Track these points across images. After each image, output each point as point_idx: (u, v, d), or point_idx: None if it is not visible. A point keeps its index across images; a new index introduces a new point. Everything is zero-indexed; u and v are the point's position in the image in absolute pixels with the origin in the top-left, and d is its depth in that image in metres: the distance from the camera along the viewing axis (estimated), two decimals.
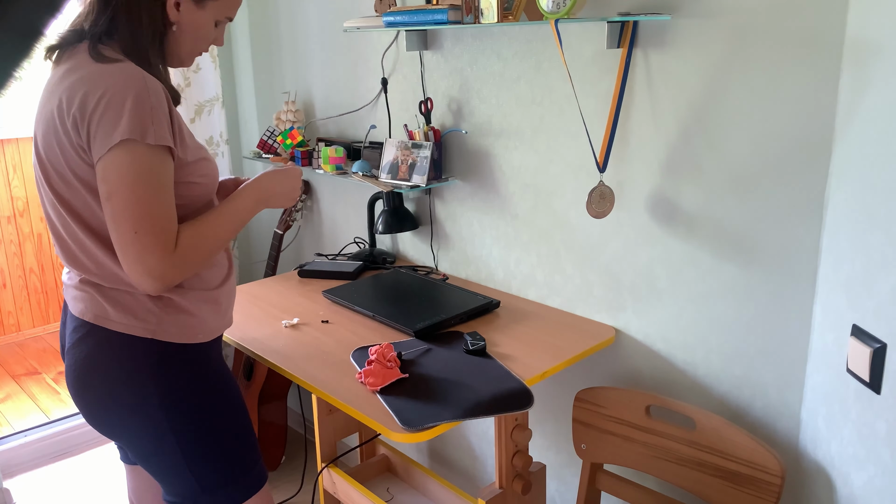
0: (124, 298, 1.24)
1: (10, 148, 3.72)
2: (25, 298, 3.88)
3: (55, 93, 1.19)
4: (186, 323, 1.28)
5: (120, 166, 1.12)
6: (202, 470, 1.31)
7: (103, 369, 1.25)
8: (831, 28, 1.19)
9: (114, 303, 1.24)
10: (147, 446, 1.29)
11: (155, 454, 1.29)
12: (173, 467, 1.30)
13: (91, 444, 2.86)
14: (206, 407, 1.31)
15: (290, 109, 2.36)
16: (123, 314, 1.24)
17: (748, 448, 1.32)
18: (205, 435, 1.30)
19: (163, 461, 1.30)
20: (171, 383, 1.26)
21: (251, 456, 1.38)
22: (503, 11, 1.48)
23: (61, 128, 1.16)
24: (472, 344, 1.50)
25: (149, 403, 1.25)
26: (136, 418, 1.26)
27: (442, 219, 2.04)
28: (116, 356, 1.24)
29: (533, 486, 1.62)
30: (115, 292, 1.24)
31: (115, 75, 1.14)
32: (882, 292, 1.06)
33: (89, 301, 1.25)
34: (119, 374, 1.25)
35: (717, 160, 1.40)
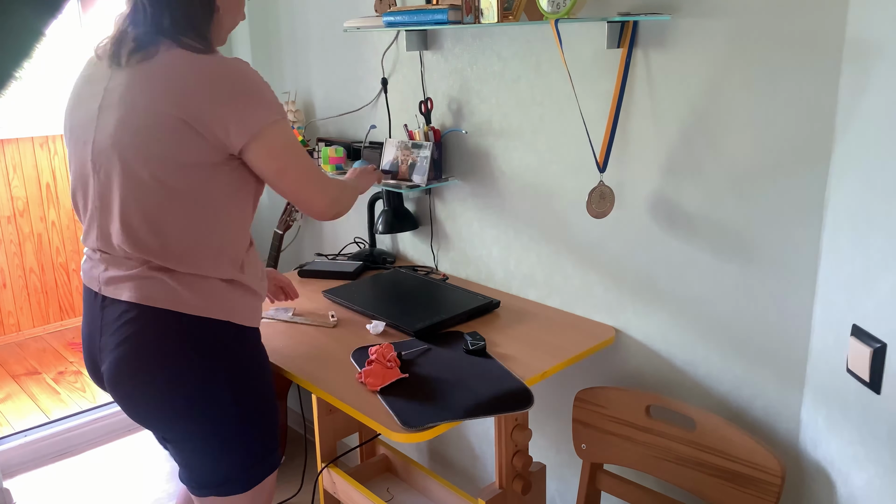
0: (198, 283, 1.30)
1: (10, 148, 3.72)
2: (25, 298, 3.88)
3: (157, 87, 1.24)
4: (252, 305, 1.38)
5: (281, 143, 1.30)
6: (250, 447, 1.38)
7: (174, 352, 1.28)
8: (831, 28, 1.19)
9: (189, 287, 1.29)
10: (207, 427, 1.32)
11: (212, 435, 1.33)
12: (226, 447, 1.35)
13: (91, 443, 2.86)
14: (260, 386, 1.39)
15: (290, 109, 2.36)
16: (199, 297, 1.30)
17: (748, 448, 1.32)
18: (258, 412, 1.37)
19: (218, 442, 1.34)
20: (238, 364, 1.34)
21: (277, 433, 1.45)
22: (503, 11, 1.48)
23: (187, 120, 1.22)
24: (472, 344, 1.50)
25: (219, 383, 1.31)
26: (207, 399, 1.30)
27: (442, 219, 2.04)
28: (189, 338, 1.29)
29: (533, 486, 1.62)
30: (190, 277, 1.29)
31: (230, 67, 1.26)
32: (882, 292, 1.06)
33: (158, 287, 1.28)
34: (192, 355, 1.29)
35: (717, 160, 1.40)
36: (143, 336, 1.28)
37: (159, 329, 1.28)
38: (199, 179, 1.26)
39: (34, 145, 3.79)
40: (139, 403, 1.32)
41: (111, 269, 1.32)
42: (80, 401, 3.22)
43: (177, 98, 1.22)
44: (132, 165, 1.25)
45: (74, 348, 3.79)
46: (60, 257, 3.95)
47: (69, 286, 4.01)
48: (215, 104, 1.22)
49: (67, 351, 3.76)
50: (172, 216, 1.27)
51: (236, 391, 1.33)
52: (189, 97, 1.22)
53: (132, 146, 1.24)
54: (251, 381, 1.36)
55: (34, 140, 3.79)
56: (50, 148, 3.84)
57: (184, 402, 1.30)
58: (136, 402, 1.32)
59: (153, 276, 1.28)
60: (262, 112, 1.27)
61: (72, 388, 3.36)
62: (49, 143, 3.83)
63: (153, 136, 1.23)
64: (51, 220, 3.89)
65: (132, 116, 1.24)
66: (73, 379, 3.45)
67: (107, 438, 2.88)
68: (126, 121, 1.24)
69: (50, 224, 3.89)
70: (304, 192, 1.35)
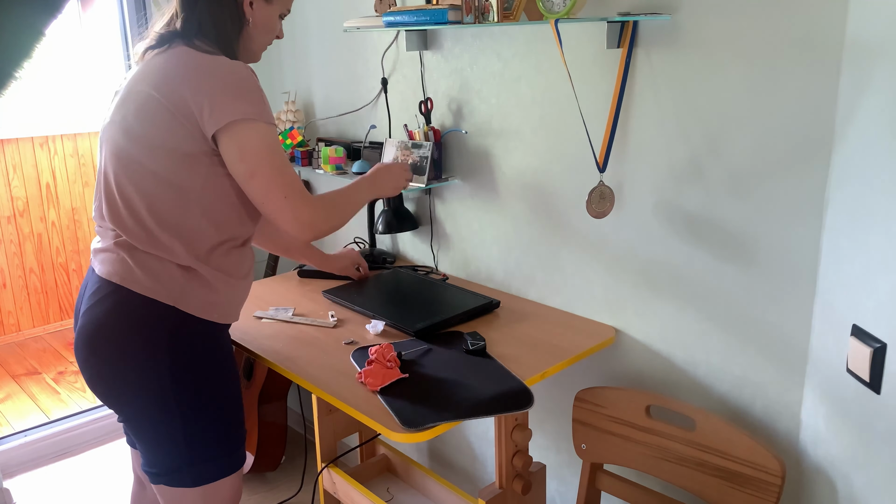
0: (153, 263, 1.32)
1: (10, 148, 3.72)
2: (25, 298, 3.88)
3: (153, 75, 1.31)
4: (207, 298, 1.36)
5: (255, 145, 1.28)
6: (195, 441, 1.37)
7: (120, 328, 1.31)
8: (831, 28, 1.19)
9: (143, 267, 1.32)
10: (147, 410, 1.34)
11: (153, 419, 1.34)
12: (168, 435, 1.35)
13: (91, 444, 2.86)
14: (211, 382, 1.38)
15: (290, 109, 2.36)
16: (150, 278, 1.31)
17: (748, 448, 1.32)
18: (205, 407, 1.37)
19: (159, 427, 1.35)
20: (183, 352, 1.33)
21: (238, 438, 1.45)
22: (503, 11, 1.48)
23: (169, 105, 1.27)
24: (472, 344, 1.50)
25: (159, 366, 1.31)
26: (144, 380, 1.32)
27: (442, 219, 2.04)
28: (135, 316, 1.31)
29: (533, 486, 1.62)
30: (147, 256, 1.32)
31: (222, 63, 1.29)
32: (882, 292, 1.06)
33: (118, 263, 1.33)
34: (135, 334, 1.31)
35: (717, 160, 1.40)
36: (98, 309, 1.32)
37: (114, 303, 1.31)
38: (177, 164, 1.29)
39: (34, 145, 3.79)
40: (90, 375, 1.36)
41: (100, 241, 1.40)
42: (80, 401, 3.22)
43: (162, 83, 1.28)
44: (120, 144, 1.32)
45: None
46: (60, 257, 3.95)
47: (69, 286, 4.01)
48: (196, 91, 1.25)
49: (67, 351, 3.76)
50: (147, 195, 1.31)
51: (178, 381, 1.32)
52: (174, 83, 1.27)
53: (122, 125, 1.32)
54: (199, 376, 1.35)
55: (34, 140, 3.79)
56: (50, 148, 3.84)
57: (123, 382, 1.32)
58: (89, 374, 1.36)
59: (116, 253, 1.33)
60: (242, 106, 1.26)
61: (72, 388, 3.36)
62: (49, 143, 3.83)
63: (139, 117, 1.30)
64: (51, 220, 3.89)
65: (128, 99, 1.33)
66: (73, 379, 3.45)
67: (107, 438, 2.88)
68: (123, 103, 1.34)
69: (50, 224, 3.89)
70: (271, 208, 1.30)
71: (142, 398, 1.33)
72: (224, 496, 1.44)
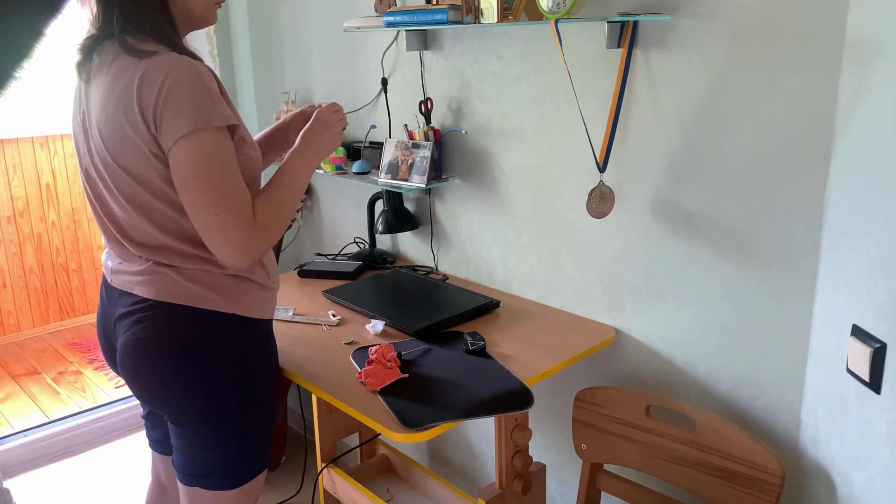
0: (203, 277, 1.29)
1: (10, 148, 3.72)
2: (25, 298, 3.88)
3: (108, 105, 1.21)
4: (263, 297, 1.37)
5: (188, 156, 1.17)
6: (247, 442, 1.37)
7: (179, 342, 1.29)
8: (831, 28, 1.19)
9: (194, 281, 1.29)
10: (209, 418, 1.32)
11: (213, 425, 1.33)
12: (223, 439, 1.34)
13: (91, 444, 2.86)
14: (266, 382, 1.40)
15: (290, 109, 2.36)
16: (206, 290, 1.29)
17: (748, 448, 1.32)
18: (261, 409, 1.38)
19: (217, 433, 1.34)
20: (243, 357, 1.34)
21: (270, 435, 1.45)
22: (503, 11, 1.48)
23: (132, 132, 1.19)
24: (472, 344, 1.50)
25: (223, 376, 1.31)
26: (208, 391, 1.31)
27: (442, 219, 2.04)
28: (194, 329, 1.29)
29: (533, 486, 1.62)
30: (194, 272, 1.29)
31: (164, 68, 1.17)
32: (882, 292, 1.06)
33: (166, 283, 1.28)
34: (196, 346, 1.29)
35: (718, 160, 1.40)
36: (153, 325, 1.29)
37: (168, 319, 1.29)
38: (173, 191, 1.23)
39: (34, 145, 3.79)
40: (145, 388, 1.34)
41: (122, 262, 1.35)
42: (80, 401, 3.22)
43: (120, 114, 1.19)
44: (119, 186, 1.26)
45: (74, 348, 3.79)
46: (60, 257, 3.95)
47: (69, 286, 4.01)
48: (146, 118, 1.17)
49: (67, 351, 3.76)
50: (167, 226, 1.27)
51: (240, 385, 1.33)
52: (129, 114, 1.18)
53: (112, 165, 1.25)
54: (254, 374, 1.36)
55: (34, 140, 3.79)
56: (50, 148, 3.84)
57: (187, 392, 1.31)
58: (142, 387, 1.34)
59: (159, 273, 1.29)
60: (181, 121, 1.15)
61: (72, 388, 3.36)
62: (49, 143, 3.83)
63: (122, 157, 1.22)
64: (51, 220, 3.89)
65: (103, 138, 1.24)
66: (73, 379, 3.45)
67: (107, 438, 2.88)
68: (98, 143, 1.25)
69: (50, 224, 3.89)
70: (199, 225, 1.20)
71: (207, 407, 1.32)
72: (253, 494, 1.44)
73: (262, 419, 1.40)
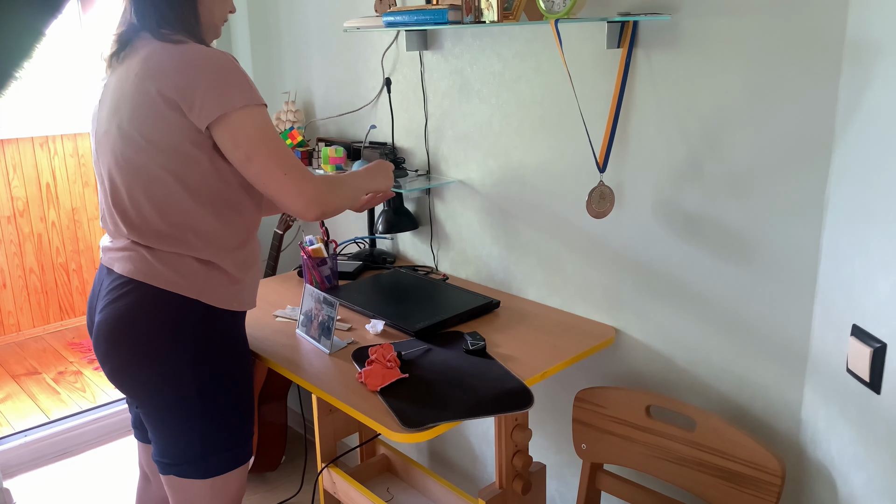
0: (174, 260, 1.34)
1: (10, 148, 3.72)
2: (25, 298, 3.88)
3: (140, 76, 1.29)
4: (230, 289, 1.40)
5: (248, 130, 1.29)
6: (210, 432, 1.40)
7: (143, 322, 1.34)
8: (831, 28, 1.19)
9: (164, 263, 1.34)
10: (168, 401, 1.37)
11: (173, 410, 1.38)
12: (186, 426, 1.38)
13: (91, 444, 2.86)
14: (231, 373, 1.42)
15: (290, 109, 2.36)
16: (172, 273, 1.34)
17: (748, 448, 1.32)
18: (223, 399, 1.40)
19: (178, 419, 1.38)
20: (205, 344, 1.37)
21: (249, 430, 1.48)
22: (503, 11, 1.48)
23: (162, 104, 1.27)
24: (472, 344, 1.50)
25: (182, 359, 1.35)
26: (167, 372, 1.35)
27: (442, 219, 2.04)
28: (158, 310, 1.34)
29: (533, 486, 1.62)
30: (166, 254, 1.34)
31: (201, 53, 1.28)
32: (882, 292, 1.06)
33: (139, 261, 1.35)
34: (158, 327, 1.34)
35: (718, 160, 1.40)
36: (120, 304, 1.35)
37: (137, 298, 1.34)
38: (180, 163, 1.30)
39: (34, 145, 3.79)
40: (112, 368, 1.38)
41: (112, 241, 1.42)
42: (80, 401, 3.22)
43: (149, 83, 1.27)
44: (122, 152, 1.32)
45: (74, 348, 3.79)
46: (60, 257, 3.95)
47: (69, 286, 4.01)
48: (184, 87, 1.26)
49: (67, 351, 3.76)
50: (156, 197, 1.33)
51: (200, 373, 1.36)
52: (161, 82, 1.27)
53: (119, 133, 1.32)
54: (220, 367, 1.39)
55: (34, 140, 3.79)
56: (50, 148, 3.84)
57: (148, 374, 1.35)
58: (110, 366, 1.38)
59: (135, 251, 1.36)
60: (230, 95, 1.27)
61: (72, 388, 3.36)
62: (49, 143, 3.83)
63: (134, 122, 1.30)
64: (51, 220, 3.89)
65: (118, 105, 1.32)
66: (73, 379, 3.45)
67: (107, 438, 2.88)
68: (114, 110, 1.33)
69: (50, 224, 3.89)
70: (274, 187, 1.31)
71: (164, 390, 1.36)
72: (231, 489, 1.46)
73: (227, 412, 1.41)
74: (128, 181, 1.33)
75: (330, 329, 1.55)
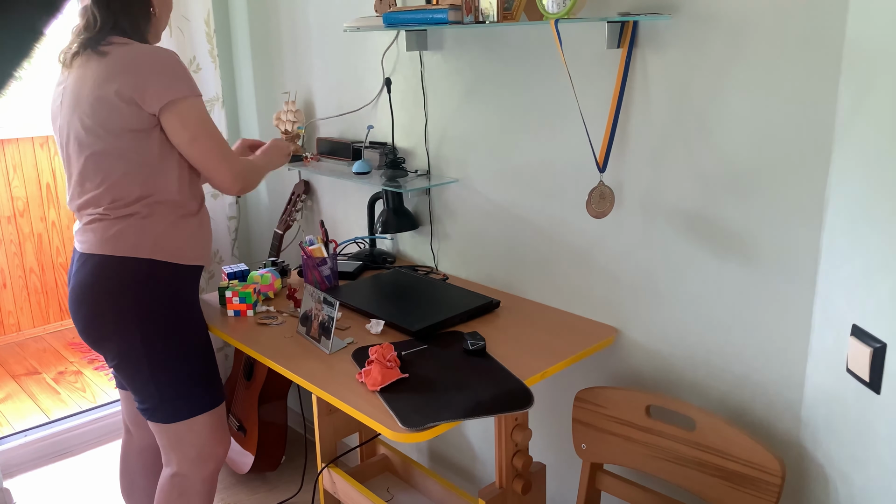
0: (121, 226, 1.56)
1: (10, 148, 3.72)
2: (25, 298, 3.88)
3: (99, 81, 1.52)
4: (179, 245, 1.61)
5: (195, 116, 1.56)
6: (162, 380, 1.62)
7: (98, 285, 1.57)
8: (831, 28, 1.19)
9: (117, 231, 1.56)
10: (123, 355, 1.60)
11: (128, 363, 1.60)
12: (142, 377, 1.61)
13: (91, 444, 2.86)
14: (179, 325, 1.63)
15: (290, 109, 2.36)
16: (120, 240, 1.56)
17: (748, 448, 1.32)
18: (171, 349, 1.61)
19: (134, 371, 1.61)
20: (153, 299, 1.58)
21: (209, 377, 1.69)
22: (503, 11, 1.48)
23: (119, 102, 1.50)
24: (472, 344, 1.50)
25: (128, 316, 1.57)
26: (118, 329, 1.57)
27: (442, 219, 2.04)
28: (109, 274, 1.56)
29: (533, 486, 1.62)
30: (119, 221, 1.56)
31: (150, 52, 1.54)
32: (882, 292, 1.06)
33: (93, 237, 1.57)
34: (109, 289, 1.56)
35: (718, 160, 1.40)
36: (82, 273, 1.58)
37: (94, 265, 1.57)
38: (132, 141, 1.54)
39: (34, 145, 3.79)
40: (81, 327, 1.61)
41: (78, 225, 1.64)
42: (80, 401, 3.22)
43: (105, 81, 1.50)
44: (82, 138, 1.55)
45: (74, 348, 3.79)
46: (60, 257, 3.95)
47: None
48: (136, 80, 1.50)
49: (67, 351, 3.76)
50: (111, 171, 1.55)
51: (144, 327, 1.57)
52: (117, 78, 1.50)
53: (81, 124, 1.54)
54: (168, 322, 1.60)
55: (34, 140, 3.79)
56: (50, 148, 3.84)
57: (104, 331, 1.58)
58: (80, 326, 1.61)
59: (91, 231, 1.58)
60: (176, 86, 1.53)
61: (72, 388, 3.36)
62: (49, 143, 3.83)
63: (93, 114, 1.52)
64: (51, 220, 3.89)
65: (80, 102, 1.53)
66: (73, 379, 3.45)
67: (107, 438, 2.88)
68: (74, 105, 1.55)
69: (50, 224, 3.89)
70: (211, 164, 1.58)
71: (118, 345, 1.59)
72: (202, 433, 1.68)
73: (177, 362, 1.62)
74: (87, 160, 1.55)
75: (330, 329, 1.55)
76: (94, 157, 1.55)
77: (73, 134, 1.57)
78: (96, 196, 1.57)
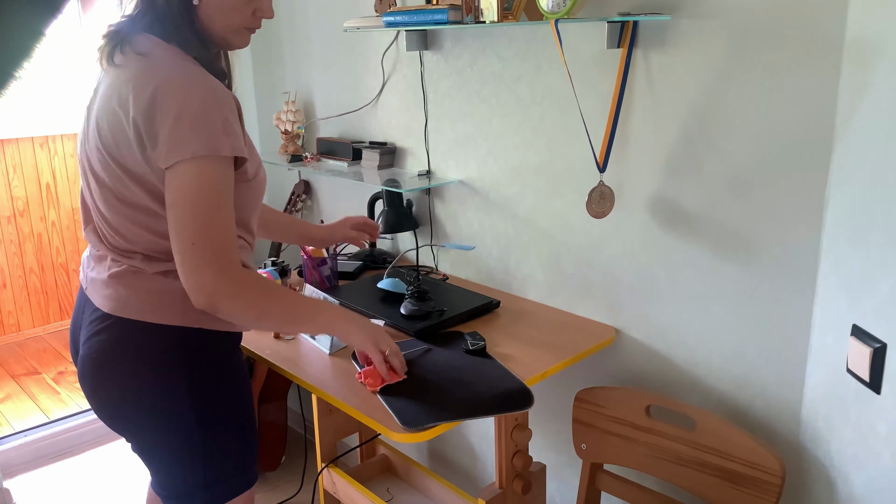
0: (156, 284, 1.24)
1: (11, 148, 3.72)
2: (25, 298, 3.88)
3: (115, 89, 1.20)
4: None
5: (187, 179, 1.13)
6: (213, 462, 1.31)
7: (131, 357, 1.24)
8: (831, 28, 1.19)
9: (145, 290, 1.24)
10: (164, 436, 1.28)
11: (171, 444, 1.28)
12: (186, 459, 1.29)
13: (91, 444, 2.86)
14: (229, 400, 1.32)
15: (290, 109, 2.36)
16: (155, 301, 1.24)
17: (748, 448, 1.32)
18: (224, 427, 1.31)
19: (177, 453, 1.29)
20: (200, 373, 1.27)
21: (253, 454, 1.39)
22: (503, 11, 1.48)
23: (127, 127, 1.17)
24: (472, 344, 1.50)
25: (177, 391, 1.25)
26: (162, 406, 1.25)
27: (442, 219, 2.04)
28: (146, 343, 1.24)
29: (533, 486, 1.62)
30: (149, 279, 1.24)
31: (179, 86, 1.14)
32: (882, 292, 1.06)
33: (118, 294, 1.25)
34: (148, 361, 1.24)
35: (718, 160, 1.40)
36: (104, 337, 1.26)
37: (120, 334, 1.25)
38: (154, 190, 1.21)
39: (34, 145, 3.79)
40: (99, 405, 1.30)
41: (94, 267, 1.32)
42: (80, 401, 3.22)
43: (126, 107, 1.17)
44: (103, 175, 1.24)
45: None
46: (60, 257, 3.95)
47: (69, 286, 4.01)
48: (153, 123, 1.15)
49: (67, 351, 3.76)
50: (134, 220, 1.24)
51: (197, 404, 1.26)
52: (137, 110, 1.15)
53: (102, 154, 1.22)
54: (217, 395, 1.30)
55: (34, 140, 3.79)
56: (50, 148, 3.84)
57: (139, 410, 1.27)
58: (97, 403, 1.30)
59: (114, 287, 1.26)
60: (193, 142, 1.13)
61: (72, 388, 3.36)
62: (49, 143, 3.83)
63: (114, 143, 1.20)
64: (51, 220, 3.89)
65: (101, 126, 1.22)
66: (73, 379, 3.45)
67: (107, 438, 2.88)
68: (97, 124, 1.23)
69: (50, 224, 3.89)
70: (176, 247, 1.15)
71: (160, 425, 1.27)
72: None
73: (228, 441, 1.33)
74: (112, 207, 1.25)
75: None
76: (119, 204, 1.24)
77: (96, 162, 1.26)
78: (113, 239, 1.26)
